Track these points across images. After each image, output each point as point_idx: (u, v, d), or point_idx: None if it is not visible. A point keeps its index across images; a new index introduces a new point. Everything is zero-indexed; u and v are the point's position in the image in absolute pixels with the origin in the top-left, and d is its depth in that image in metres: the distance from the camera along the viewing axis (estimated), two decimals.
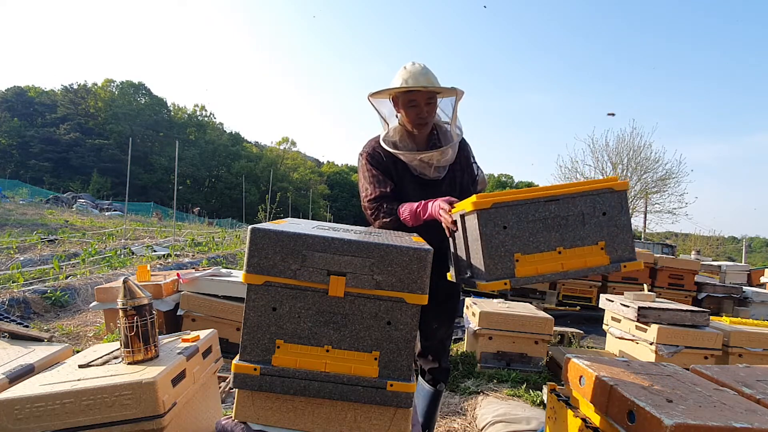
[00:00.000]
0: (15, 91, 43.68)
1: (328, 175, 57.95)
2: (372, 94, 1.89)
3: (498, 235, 1.43)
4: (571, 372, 1.64)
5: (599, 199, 1.49)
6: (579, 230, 1.47)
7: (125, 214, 15.40)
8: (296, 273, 1.25)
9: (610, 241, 1.48)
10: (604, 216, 1.49)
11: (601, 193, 1.49)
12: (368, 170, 1.94)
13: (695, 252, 12.57)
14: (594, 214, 1.48)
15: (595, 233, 1.47)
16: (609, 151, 21.05)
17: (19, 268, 5.73)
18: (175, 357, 1.60)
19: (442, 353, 2.04)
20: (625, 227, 1.50)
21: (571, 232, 1.47)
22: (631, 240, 1.50)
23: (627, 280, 6.12)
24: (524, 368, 3.53)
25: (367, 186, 1.93)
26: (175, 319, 3.54)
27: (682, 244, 21.86)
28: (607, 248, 1.47)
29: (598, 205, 1.49)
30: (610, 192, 1.50)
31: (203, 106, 59.22)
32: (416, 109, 1.85)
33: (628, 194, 17.63)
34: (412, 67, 1.84)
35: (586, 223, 1.48)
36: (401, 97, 1.86)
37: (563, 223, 1.47)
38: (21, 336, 1.89)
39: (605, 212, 1.49)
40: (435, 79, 1.84)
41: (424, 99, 1.84)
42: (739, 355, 3.31)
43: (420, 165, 1.90)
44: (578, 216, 1.48)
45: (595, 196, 1.49)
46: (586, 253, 1.46)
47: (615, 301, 3.66)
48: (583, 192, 1.49)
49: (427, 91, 1.83)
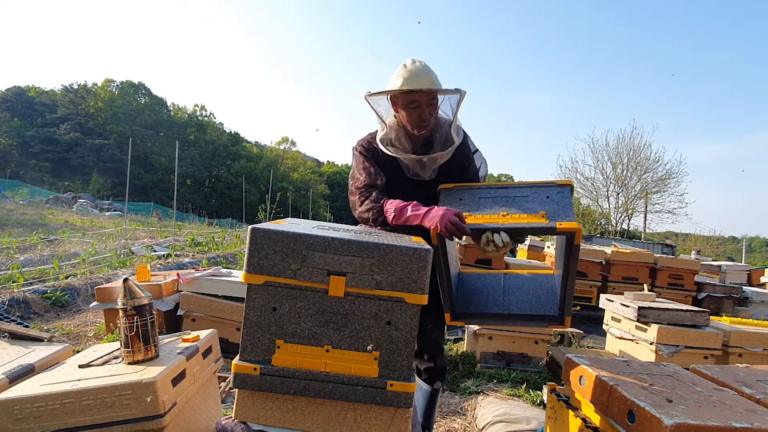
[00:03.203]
0: (15, 91, 43.65)
1: (328, 175, 57.91)
2: (371, 95, 1.84)
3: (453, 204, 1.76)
4: (571, 372, 1.64)
5: (543, 189, 1.72)
6: (522, 204, 1.68)
7: (125, 214, 15.37)
8: (296, 273, 1.25)
9: (551, 213, 1.62)
10: (547, 198, 1.69)
11: (545, 185, 1.74)
12: (361, 162, 1.91)
13: (695, 252, 12.56)
14: (537, 197, 1.70)
15: (538, 208, 1.65)
16: (609, 150, 21.11)
17: (19, 268, 5.73)
18: (175, 357, 1.60)
19: (437, 352, 2.03)
20: (566, 206, 1.64)
21: (516, 206, 1.68)
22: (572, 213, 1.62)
23: (627, 280, 6.13)
24: (524, 368, 3.53)
25: (357, 176, 1.90)
26: (175, 319, 3.54)
27: (682, 244, 21.86)
28: (548, 216, 1.60)
29: (542, 193, 1.71)
30: (554, 185, 1.73)
31: (203, 105, 59.29)
32: (418, 110, 1.80)
33: (628, 194, 17.38)
34: (413, 66, 1.79)
35: (529, 201, 1.69)
36: (401, 97, 1.81)
37: (509, 201, 1.71)
38: (21, 336, 1.89)
39: (548, 196, 1.69)
40: (436, 79, 1.80)
41: (426, 100, 1.79)
42: (739, 355, 3.30)
43: (415, 166, 1.88)
44: (523, 197, 1.71)
45: (540, 187, 1.73)
46: (528, 217, 1.63)
47: (615, 301, 3.66)
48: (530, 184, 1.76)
49: (430, 92, 1.79)
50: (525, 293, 1.92)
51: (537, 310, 1.84)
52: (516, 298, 1.91)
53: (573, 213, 1.61)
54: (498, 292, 1.95)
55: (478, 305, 1.92)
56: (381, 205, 1.79)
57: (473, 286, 2.02)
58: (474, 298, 1.95)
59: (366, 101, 1.88)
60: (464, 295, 1.97)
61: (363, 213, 1.84)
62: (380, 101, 1.89)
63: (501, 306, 1.89)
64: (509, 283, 1.99)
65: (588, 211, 21.41)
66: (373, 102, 1.88)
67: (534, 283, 1.97)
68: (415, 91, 1.77)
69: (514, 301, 1.89)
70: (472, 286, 2.02)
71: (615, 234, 20.22)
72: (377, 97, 1.87)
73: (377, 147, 1.89)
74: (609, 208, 21.78)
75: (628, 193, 21.07)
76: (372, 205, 1.80)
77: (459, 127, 1.90)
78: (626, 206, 21.25)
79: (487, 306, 1.91)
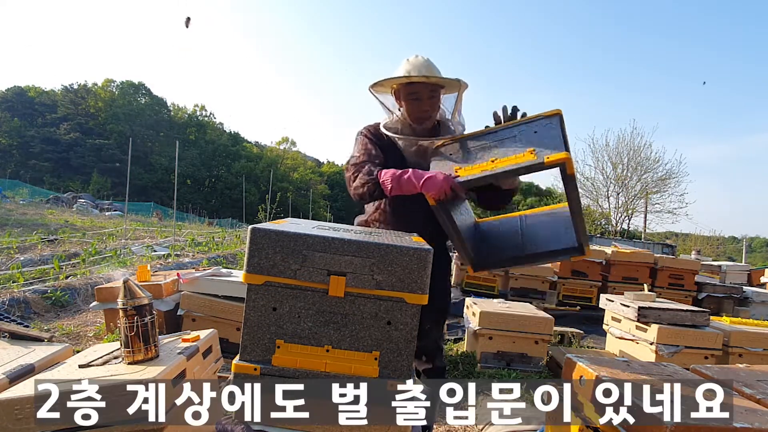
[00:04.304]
0: (15, 91, 43.65)
1: (328, 175, 57.85)
2: (373, 85, 1.84)
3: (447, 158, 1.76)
4: (572, 372, 1.64)
5: (532, 124, 1.68)
6: (511, 146, 1.64)
7: (125, 214, 15.39)
8: (296, 273, 1.25)
9: (540, 148, 1.57)
10: (536, 134, 1.64)
11: (533, 120, 1.69)
12: (363, 143, 1.89)
13: (695, 252, 12.56)
14: (526, 134, 1.65)
15: (526, 146, 1.60)
16: (609, 150, 21.12)
17: (19, 268, 5.73)
18: (175, 357, 1.60)
19: (436, 353, 2.03)
20: (555, 137, 1.59)
21: (505, 147, 1.64)
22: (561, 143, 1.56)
23: (627, 280, 6.13)
24: (524, 368, 3.53)
25: (356, 154, 1.88)
26: (175, 319, 3.54)
27: (682, 244, 21.87)
28: (536, 152, 1.55)
29: (531, 128, 1.67)
30: (542, 118, 1.68)
31: (203, 105, 59.14)
32: (418, 102, 1.81)
33: (628, 194, 17.26)
34: (415, 60, 1.79)
35: (518, 141, 1.64)
36: (402, 89, 1.81)
37: (499, 144, 1.68)
38: (21, 336, 1.89)
39: (536, 131, 1.64)
40: (438, 73, 1.80)
41: (426, 92, 1.79)
42: (740, 355, 3.30)
43: (417, 153, 1.87)
44: (511, 138, 1.67)
45: (529, 123, 1.69)
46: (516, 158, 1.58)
47: (615, 301, 3.66)
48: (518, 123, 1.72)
49: (430, 84, 1.79)
50: (543, 230, 1.92)
51: (555, 246, 1.84)
52: (533, 237, 1.90)
53: (562, 143, 1.55)
54: (516, 234, 1.94)
55: (497, 251, 1.92)
56: (375, 177, 1.74)
57: (491, 233, 2.01)
58: (493, 245, 1.95)
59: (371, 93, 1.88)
60: (484, 244, 1.97)
61: (357, 188, 1.80)
62: (387, 96, 1.89)
63: (519, 248, 1.89)
64: (527, 223, 1.99)
65: (588, 211, 21.42)
66: (380, 96, 1.89)
67: (552, 218, 1.96)
68: (414, 82, 1.77)
69: (532, 240, 1.88)
70: (490, 234, 2.01)
71: (615, 234, 20.24)
72: (384, 93, 1.88)
73: (383, 133, 1.89)
74: (609, 208, 21.82)
75: (628, 193, 21.08)
76: (367, 178, 1.76)
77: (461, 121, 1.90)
78: (626, 206, 21.27)
79: (505, 250, 1.91)
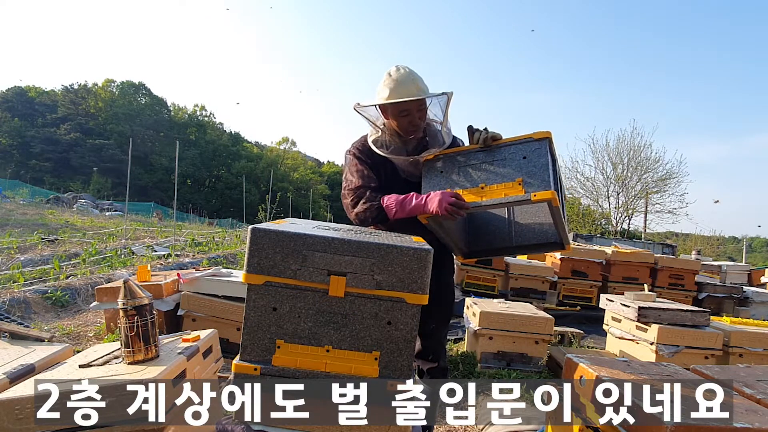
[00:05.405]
0: (15, 91, 43.66)
1: (328, 175, 57.85)
2: (361, 107, 1.86)
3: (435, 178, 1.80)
4: (572, 372, 1.64)
5: (521, 147, 1.69)
6: (499, 170, 1.67)
7: (126, 214, 15.38)
8: (296, 273, 1.25)
9: (528, 177, 1.60)
10: (524, 159, 1.66)
11: (523, 142, 1.70)
12: (354, 165, 1.92)
13: (696, 252, 12.55)
14: (515, 158, 1.67)
15: (515, 173, 1.64)
16: (609, 150, 21.07)
17: (20, 268, 5.73)
18: (175, 357, 1.60)
19: (440, 353, 2.04)
20: (542, 166, 1.62)
21: (494, 173, 1.68)
22: (548, 176, 1.60)
23: (627, 280, 6.12)
24: (524, 368, 3.53)
25: (351, 178, 1.90)
26: (176, 319, 3.54)
27: (682, 244, 21.84)
28: (524, 183, 1.59)
29: (520, 152, 1.68)
30: (531, 141, 1.68)
31: (203, 106, 59.24)
32: (408, 117, 1.82)
33: (628, 194, 17.18)
34: (398, 74, 1.78)
35: (507, 164, 1.67)
36: (391, 107, 1.82)
37: (488, 166, 1.71)
38: (21, 336, 1.90)
39: (525, 156, 1.66)
40: (422, 83, 1.81)
41: (415, 106, 1.81)
42: (740, 355, 3.30)
43: (408, 166, 1.90)
44: (501, 161, 1.69)
45: (518, 145, 1.69)
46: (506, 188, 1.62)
47: (615, 301, 3.66)
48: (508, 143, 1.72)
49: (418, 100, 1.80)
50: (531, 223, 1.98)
51: (541, 239, 1.91)
52: (522, 227, 1.96)
53: (549, 176, 1.59)
54: (504, 224, 2.00)
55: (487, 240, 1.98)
56: (378, 203, 1.80)
57: (481, 222, 2.06)
58: (483, 234, 2.01)
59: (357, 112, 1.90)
60: (473, 233, 2.02)
61: (360, 213, 1.84)
62: (370, 110, 1.91)
63: (508, 238, 1.96)
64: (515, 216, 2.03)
65: (588, 211, 21.40)
66: (364, 112, 1.90)
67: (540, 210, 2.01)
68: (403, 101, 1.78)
69: (520, 231, 1.95)
70: (480, 222, 2.06)
71: (615, 234, 20.21)
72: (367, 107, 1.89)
73: (371, 148, 1.91)
74: (609, 208, 21.77)
75: (628, 193, 21.05)
76: (369, 204, 1.81)
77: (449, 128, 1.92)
78: (626, 206, 21.24)
79: (494, 240, 1.98)
